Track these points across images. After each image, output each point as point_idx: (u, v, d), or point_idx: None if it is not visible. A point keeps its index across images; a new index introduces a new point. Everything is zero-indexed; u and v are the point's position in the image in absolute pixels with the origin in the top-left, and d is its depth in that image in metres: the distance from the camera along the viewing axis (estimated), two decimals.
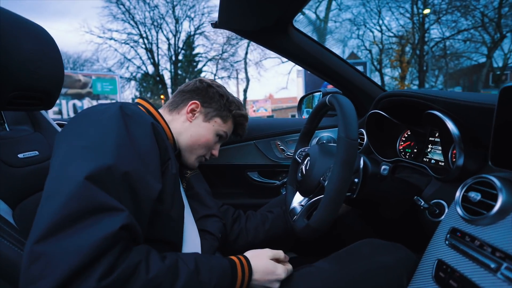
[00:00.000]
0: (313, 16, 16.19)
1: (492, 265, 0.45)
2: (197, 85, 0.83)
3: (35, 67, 0.63)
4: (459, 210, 0.56)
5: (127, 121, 0.55)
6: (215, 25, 0.95)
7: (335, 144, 0.80)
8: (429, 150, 0.85)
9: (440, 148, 0.80)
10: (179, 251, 0.66)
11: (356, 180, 0.67)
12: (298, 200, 0.79)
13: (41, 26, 0.70)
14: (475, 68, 15.12)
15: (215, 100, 0.82)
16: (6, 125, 0.75)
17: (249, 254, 0.65)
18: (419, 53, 15.70)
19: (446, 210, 0.64)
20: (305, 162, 0.75)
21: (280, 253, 0.69)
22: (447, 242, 0.56)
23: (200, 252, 0.68)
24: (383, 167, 0.66)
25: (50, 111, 9.85)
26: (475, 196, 0.53)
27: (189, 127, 0.80)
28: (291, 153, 1.28)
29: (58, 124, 0.90)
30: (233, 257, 0.62)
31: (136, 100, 0.78)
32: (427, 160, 0.84)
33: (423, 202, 0.66)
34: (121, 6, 17.34)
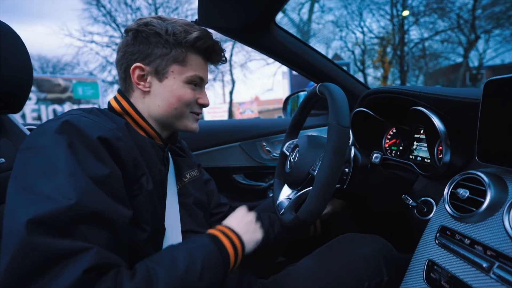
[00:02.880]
0: (296, 18, 16.38)
1: (484, 265, 0.44)
2: (126, 41, 0.62)
3: None
4: (447, 207, 0.55)
5: (73, 142, 0.44)
6: (195, 23, 0.91)
7: (325, 136, 0.78)
8: (414, 147, 0.84)
9: (425, 145, 0.80)
10: None
11: (346, 170, 0.65)
12: (286, 193, 0.77)
13: (5, 23, 0.64)
14: (453, 67, 15.71)
15: (153, 45, 0.60)
16: None
17: (226, 222, 0.65)
18: (399, 54, 16.14)
19: (435, 208, 0.63)
20: (294, 154, 0.72)
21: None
22: (437, 241, 0.54)
23: None
24: (374, 155, 0.65)
25: (29, 117, 9.45)
26: (463, 193, 0.52)
27: (152, 99, 0.62)
28: (277, 154, 1.26)
29: (29, 129, 0.84)
30: (212, 231, 0.58)
31: (116, 95, 0.65)
32: (413, 157, 0.84)
33: (411, 201, 0.65)
34: (102, 9, 16.92)
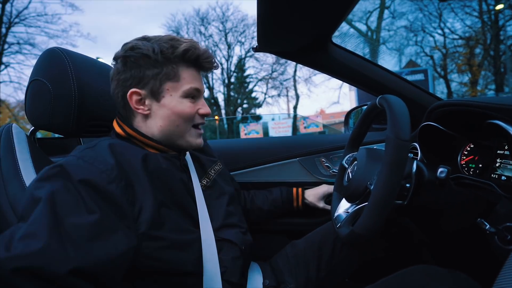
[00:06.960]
0: (364, 27, 15.70)
1: None
2: (117, 69, 0.63)
3: (104, 100, 0.76)
4: None
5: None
6: (255, 49, 1.00)
7: None
8: (498, 165, 0.74)
9: (511, 162, 0.69)
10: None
11: (408, 185, 0.62)
12: (344, 207, 0.76)
13: (107, 64, 0.84)
14: None
15: (144, 67, 0.60)
16: None
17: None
18: (493, 54, 13.77)
19: None
20: (352, 167, 0.72)
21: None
22: None
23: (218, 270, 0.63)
24: (440, 169, 0.60)
25: None
26: None
27: (153, 120, 0.64)
28: (337, 170, 1.24)
29: None
30: None
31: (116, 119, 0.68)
32: (496, 176, 0.73)
33: (488, 226, 0.57)
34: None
